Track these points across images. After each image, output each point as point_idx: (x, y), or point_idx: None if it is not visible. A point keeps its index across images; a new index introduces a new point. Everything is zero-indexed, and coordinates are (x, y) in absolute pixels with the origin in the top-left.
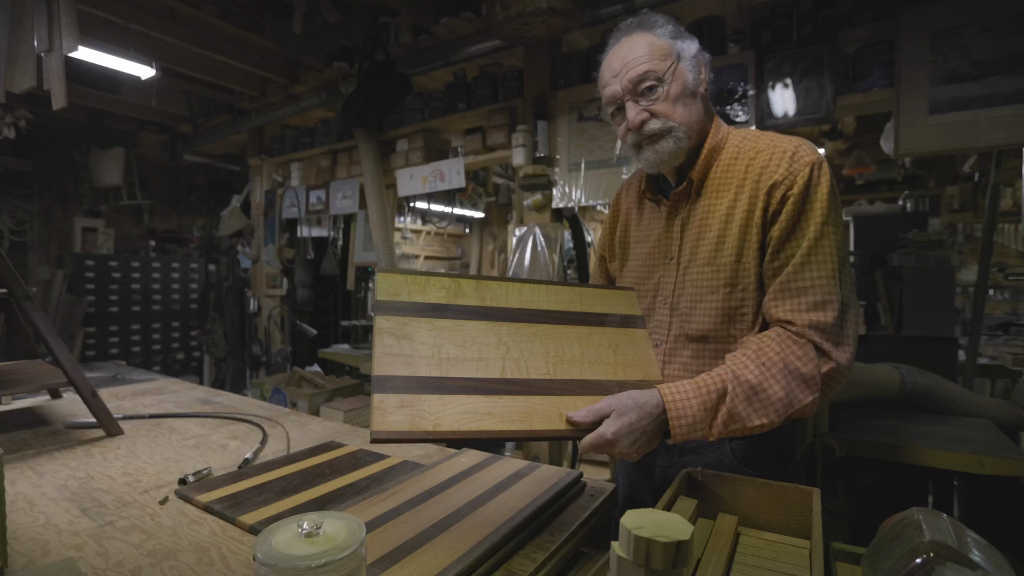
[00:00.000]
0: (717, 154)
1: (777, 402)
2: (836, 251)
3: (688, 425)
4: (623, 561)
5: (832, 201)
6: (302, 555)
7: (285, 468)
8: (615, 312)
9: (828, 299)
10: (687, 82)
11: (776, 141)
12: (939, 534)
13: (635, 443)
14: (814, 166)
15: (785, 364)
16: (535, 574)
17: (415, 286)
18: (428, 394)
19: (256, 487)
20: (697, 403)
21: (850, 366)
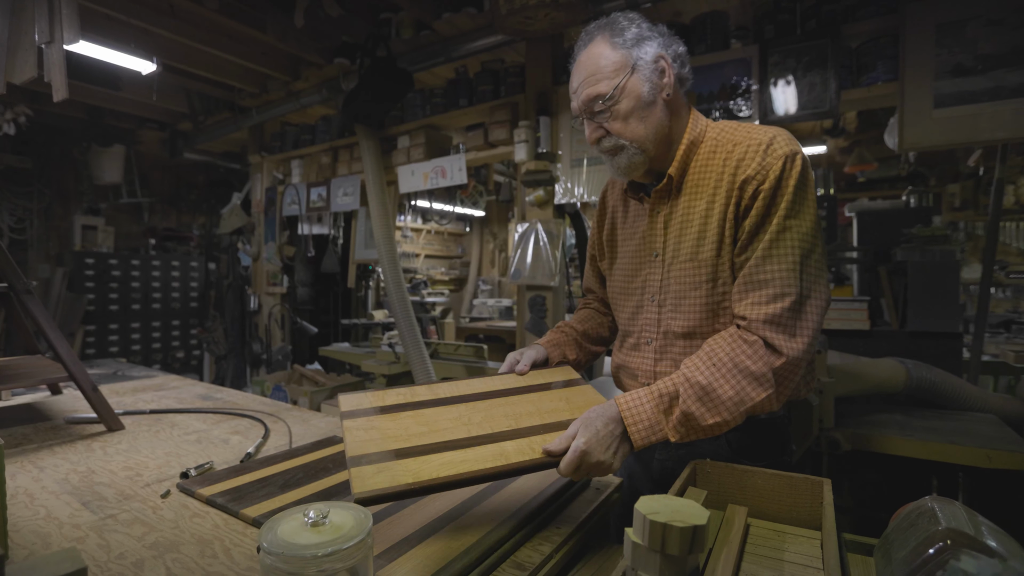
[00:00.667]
0: (696, 149)
1: (727, 401)
2: (799, 243)
3: (646, 428)
4: (638, 547)
5: (798, 194)
6: (308, 544)
7: (288, 462)
8: (557, 380)
9: (785, 291)
10: (641, 95)
11: (752, 133)
12: (955, 521)
13: (609, 449)
14: (787, 159)
15: (735, 363)
16: (542, 566)
17: (375, 398)
18: (403, 459)
19: (259, 480)
20: (651, 407)
21: (806, 357)
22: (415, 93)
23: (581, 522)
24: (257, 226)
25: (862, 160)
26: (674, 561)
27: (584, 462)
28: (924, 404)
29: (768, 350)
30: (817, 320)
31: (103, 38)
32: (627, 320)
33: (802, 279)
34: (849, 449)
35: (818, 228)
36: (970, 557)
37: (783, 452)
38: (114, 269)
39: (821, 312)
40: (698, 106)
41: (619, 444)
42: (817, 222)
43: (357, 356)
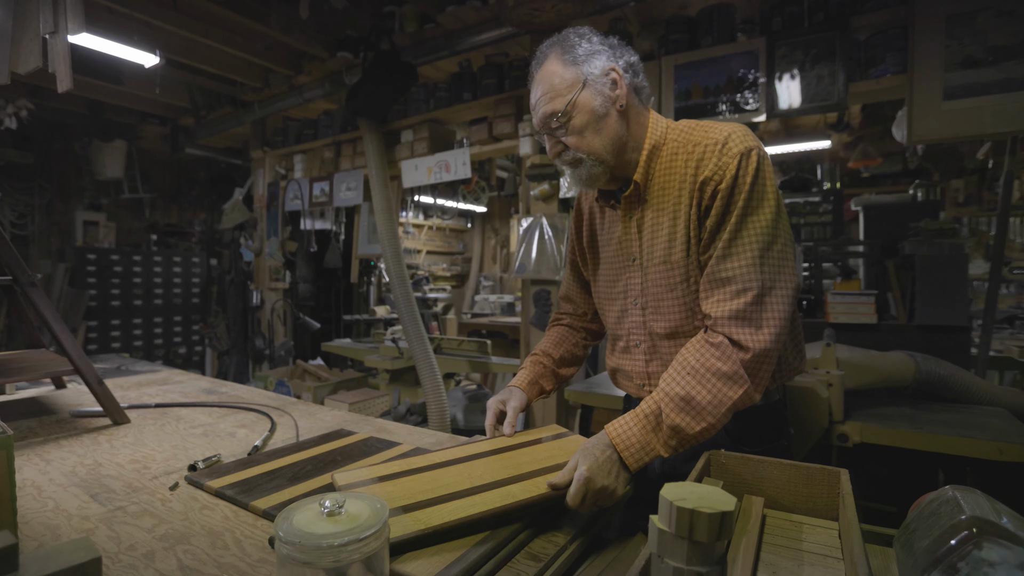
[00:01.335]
0: (658, 153)
1: (708, 406)
2: (757, 237)
3: (638, 451)
4: (664, 534)
5: (754, 189)
6: (325, 534)
7: (295, 455)
8: (546, 435)
9: (747, 286)
10: (594, 108)
11: (710, 132)
12: (978, 510)
13: (611, 474)
14: (742, 156)
15: (706, 368)
16: (556, 557)
17: (371, 471)
18: (411, 512)
19: (267, 473)
20: (638, 430)
21: (774, 347)
22: (418, 87)
23: (594, 516)
24: (259, 221)
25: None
26: (702, 547)
27: (589, 489)
28: (932, 398)
29: (735, 347)
30: (783, 309)
31: (105, 31)
32: (614, 324)
33: (763, 271)
34: (858, 442)
35: (778, 219)
36: (993, 546)
37: (780, 436)
38: (116, 265)
39: (787, 301)
40: (704, 100)
41: (620, 468)
42: (777, 214)
43: (360, 352)
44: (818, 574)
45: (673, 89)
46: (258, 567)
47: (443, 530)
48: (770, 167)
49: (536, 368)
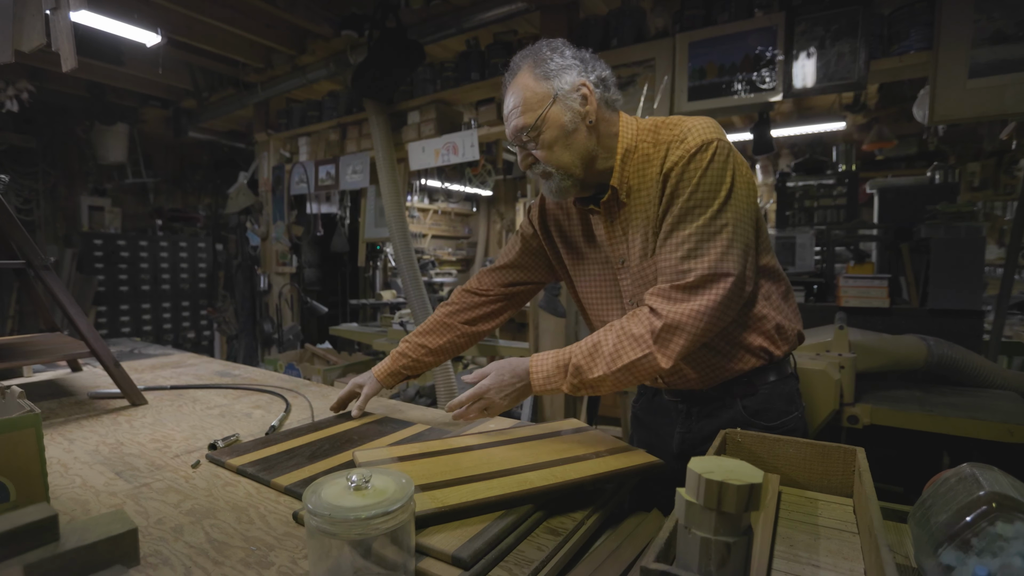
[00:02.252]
0: (631, 156)
1: (608, 355)
2: (700, 228)
3: (544, 377)
4: (692, 505)
5: (704, 181)
6: (353, 507)
7: (313, 434)
8: (566, 429)
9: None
10: (563, 124)
11: (674, 128)
12: (997, 486)
13: (505, 397)
14: (698, 149)
15: (621, 327)
16: (575, 532)
17: (390, 451)
18: (429, 491)
19: (286, 452)
20: (552, 361)
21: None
22: (425, 67)
23: (610, 492)
24: (265, 205)
25: (881, 137)
26: (730, 519)
27: (483, 398)
28: (942, 381)
29: (651, 314)
30: (714, 297)
31: (105, 8)
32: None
33: (699, 261)
34: (868, 424)
35: (725, 212)
36: (1008, 523)
37: (794, 408)
38: (123, 250)
39: (724, 292)
40: (718, 78)
41: (518, 394)
42: (724, 206)
43: (368, 335)
44: (834, 547)
45: (687, 68)
46: (284, 540)
47: (460, 509)
48: (729, 160)
49: (400, 361)
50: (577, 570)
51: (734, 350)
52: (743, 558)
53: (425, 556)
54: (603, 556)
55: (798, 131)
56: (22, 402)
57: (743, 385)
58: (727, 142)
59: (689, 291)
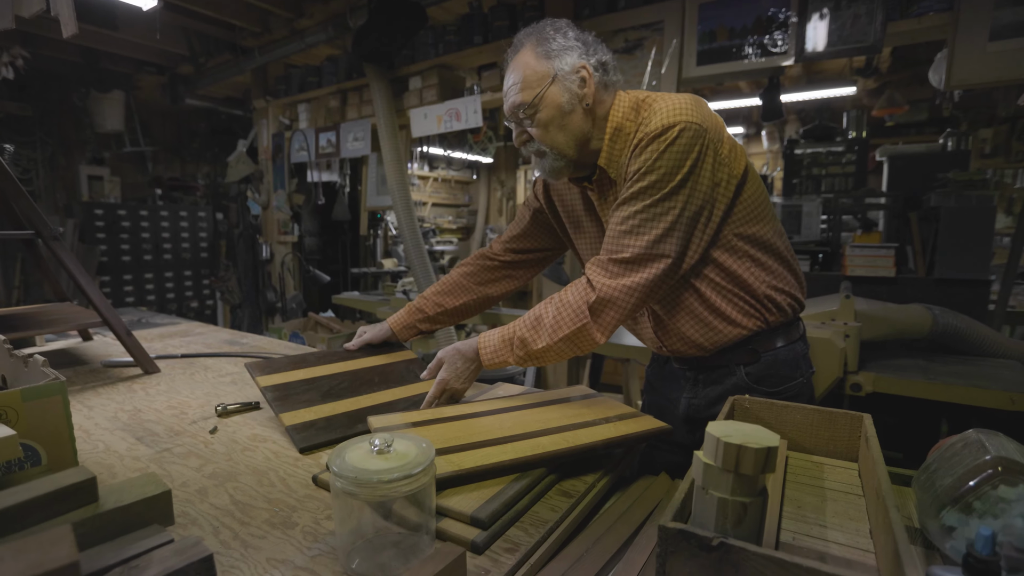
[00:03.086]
0: (620, 136)
1: (548, 327)
2: (643, 209)
3: (491, 352)
4: (710, 467)
5: (659, 162)
6: (377, 469)
7: (341, 364)
8: (575, 395)
9: (622, 248)
10: (561, 104)
11: (646, 111)
12: (1003, 451)
13: (464, 380)
14: (660, 132)
15: (560, 299)
16: (586, 494)
17: (404, 417)
18: (444, 455)
19: (307, 381)
20: (498, 336)
21: (622, 301)
22: (426, 31)
23: (619, 456)
24: (265, 174)
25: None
26: (746, 480)
27: (446, 389)
28: (946, 350)
29: (587, 286)
30: (648, 277)
31: None
32: None
33: (639, 237)
34: (871, 392)
35: (680, 195)
36: (1009, 486)
37: (797, 374)
38: (123, 220)
39: (656, 273)
40: (729, 42)
41: (471, 374)
42: (678, 189)
43: (371, 304)
44: (840, 509)
45: (697, 31)
46: (305, 502)
47: (476, 473)
48: (695, 143)
49: (416, 316)
50: (589, 530)
51: (720, 318)
52: (758, 518)
53: (444, 517)
54: (614, 517)
55: (807, 96)
56: (46, 370)
57: (745, 352)
58: (699, 123)
59: (624, 266)
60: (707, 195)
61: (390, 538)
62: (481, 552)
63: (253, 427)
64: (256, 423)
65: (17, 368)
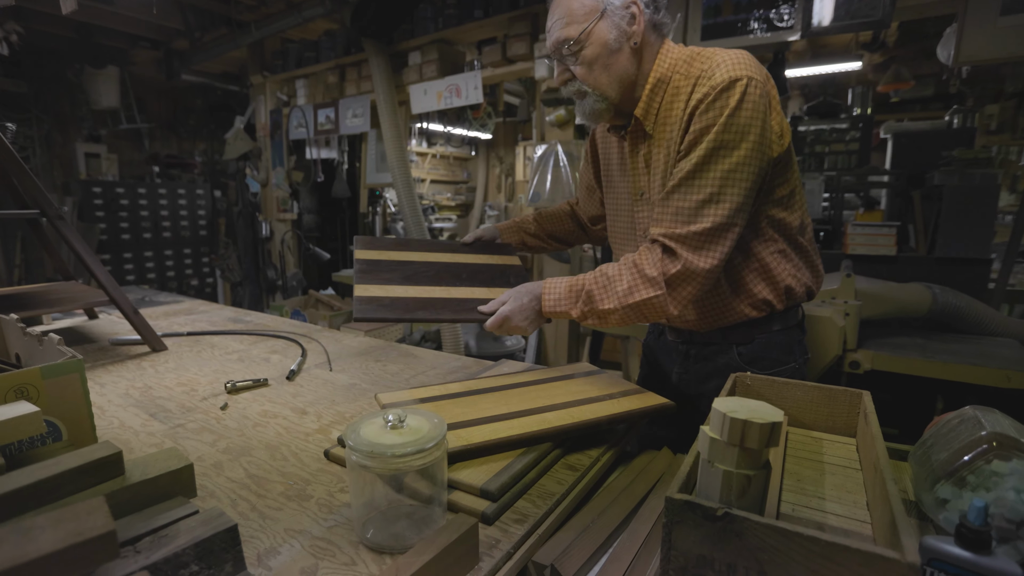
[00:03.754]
0: (663, 87)
1: (621, 291)
2: (723, 175)
3: (554, 300)
4: (716, 442)
5: (730, 122)
6: (391, 444)
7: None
8: (579, 372)
9: (700, 220)
10: (607, 42)
11: (706, 64)
12: (999, 427)
13: (526, 319)
14: (724, 87)
15: (635, 264)
16: (591, 468)
17: (412, 393)
18: (452, 431)
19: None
20: (565, 285)
21: (704, 275)
22: (425, 4)
23: (622, 431)
24: (264, 151)
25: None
26: (751, 454)
27: (506, 324)
28: (945, 329)
29: (667, 257)
30: (726, 248)
31: None
32: None
33: (719, 208)
34: (869, 369)
35: (751, 157)
36: (1003, 460)
37: (791, 359)
38: (122, 198)
39: (733, 241)
40: (734, 16)
41: (536, 316)
42: (752, 152)
43: None
44: (838, 482)
45: (701, 5)
46: (319, 475)
47: (483, 447)
48: (762, 98)
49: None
50: (594, 502)
51: (737, 299)
52: (761, 490)
53: (455, 489)
54: (618, 490)
55: (812, 71)
56: (62, 348)
57: (741, 333)
58: (761, 80)
59: (706, 238)
60: (768, 160)
61: (403, 510)
62: (491, 523)
63: (263, 403)
64: (266, 399)
65: (32, 346)
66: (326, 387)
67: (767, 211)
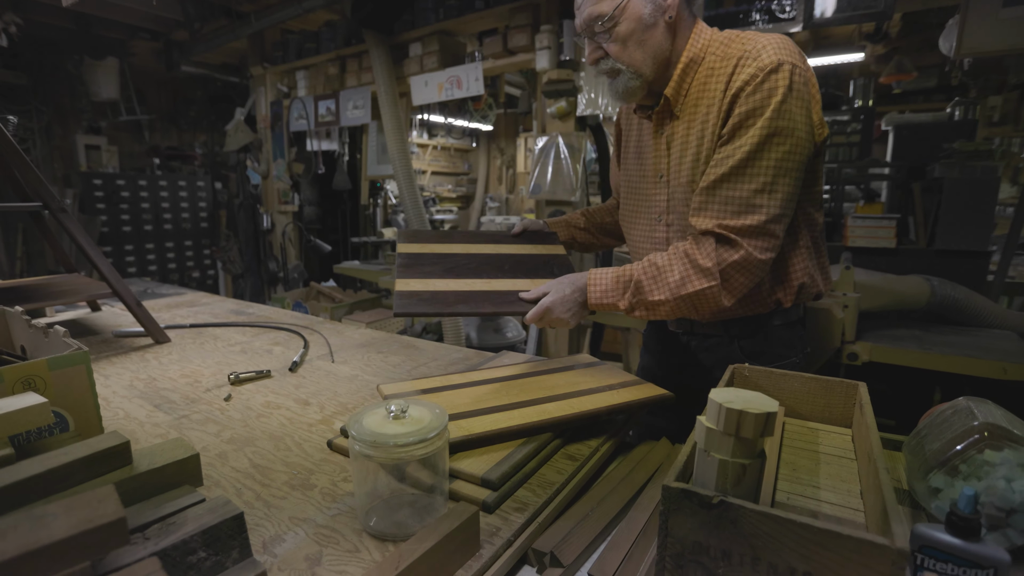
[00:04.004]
0: (695, 68)
1: (673, 282)
2: (776, 162)
3: (601, 291)
4: (712, 431)
5: (781, 108)
6: (394, 434)
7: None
8: (579, 363)
9: (754, 211)
10: (642, 17)
11: (746, 45)
12: (991, 417)
13: (569, 311)
14: (771, 70)
15: (687, 255)
16: (591, 457)
17: (414, 384)
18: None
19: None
20: (611, 276)
21: (763, 265)
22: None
23: (621, 422)
24: (264, 143)
25: (901, 69)
26: (746, 443)
27: (547, 316)
28: (943, 321)
29: (723, 247)
30: (778, 238)
31: None
32: (639, 240)
33: (770, 199)
34: (867, 361)
35: (800, 146)
36: (995, 450)
37: (791, 353)
38: (123, 190)
39: (784, 231)
40: (736, 7)
41: (579, 308)
42: (802, 139)
43: (373, 273)
44: (833, 472)
45: None
46: (322, 465)
47: (484, 437)
48: (806, 85)
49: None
50: (593, 491)
51: (751, 296)
52: (756, 478)
53: (456, 479)
54: (617, 479)
55: (814, 62)
56: (68, 340)
57: (743, 326)
58: (804, 67)
59: (762, 229)
60: (811, 149)
61: (406, 498)
62: (492, 511)
63: (266, 394)
64: (269, 390)
65: (37, 339)
66: (328, 378)
67: (802, 205)
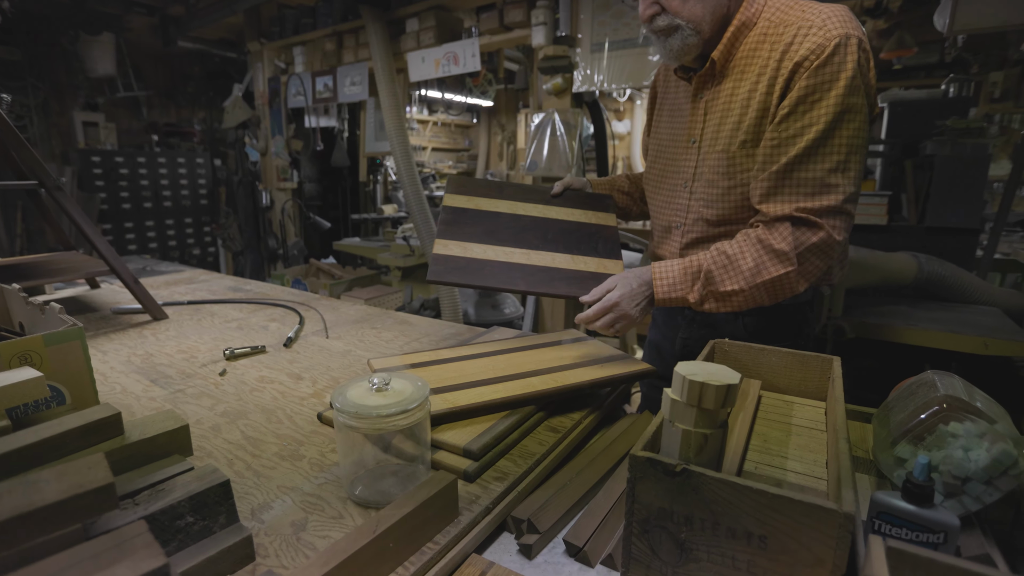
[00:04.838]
0: (746, 32)
1: (746, 271)
2: (848, 140)
3: (668, 285)
4: (676, 403)
5: (852, 85)
6: (376, 405)
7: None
8: (566, 339)
9: (830, 191)
10: None
11: (807, 13)
12: (952, 390)
13: (637, 306)
14: (839, 43)
15: (760, 240)
16: (573, 430)
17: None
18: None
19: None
20: (678, 268)
21: (841, 246)
22: None
23: (605, 395)
24: (262, 119)
25: (902, 44)
26: (708, 414)
27: (614, 311)
28: (930, 297)
29: (800, 229)
30: (852, 217)
31: None
32: (661, 206)
33: (844, 176)
34: (853, 337)
35: (866, 121)
36: (957, 422)
37: (798, 336)
38: (121, 167)
39: (855, 209)
40: None
41: (647, 303)
42: (866, 116)
43: (372, 250)
44: (803, 443)
45: None
46: (311, 437)
47: (469, 410)
48: (868, 61)
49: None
50: (574, 463)
51: None
52: (717, 447)
53: (439, 449)
54: (597, 451)
55: None
56: (63, 317)
57: None
58: (866, 40)
59: (839, 210)
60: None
61: (389, 468)
62: (472, 480)
63: (260, 369)
64: (263, 365)
65: (34, 315)
66: (322, 354)
67: None
